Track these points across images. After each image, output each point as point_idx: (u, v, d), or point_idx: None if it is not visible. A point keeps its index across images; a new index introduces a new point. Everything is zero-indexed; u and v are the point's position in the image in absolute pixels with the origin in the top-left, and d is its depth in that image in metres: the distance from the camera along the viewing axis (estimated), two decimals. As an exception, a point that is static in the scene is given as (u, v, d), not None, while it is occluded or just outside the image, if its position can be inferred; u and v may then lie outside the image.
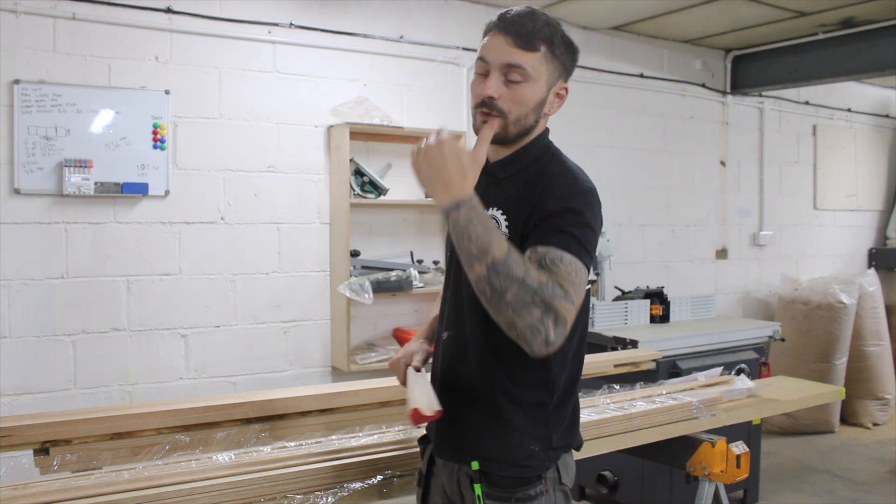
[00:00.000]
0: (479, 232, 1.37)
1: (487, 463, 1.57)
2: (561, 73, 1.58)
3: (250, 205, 3.70)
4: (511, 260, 1.36)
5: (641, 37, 5.09)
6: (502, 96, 1.53)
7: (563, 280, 1.39)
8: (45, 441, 1.97)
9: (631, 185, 5.08)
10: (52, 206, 3.25)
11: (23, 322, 3.22)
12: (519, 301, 1.35)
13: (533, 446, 1.58)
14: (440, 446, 1.67)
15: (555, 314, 1.36)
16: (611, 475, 3.84)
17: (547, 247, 1.42)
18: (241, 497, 1.69)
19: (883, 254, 6.64)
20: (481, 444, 1.59)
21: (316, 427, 2.21)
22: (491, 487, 1.57)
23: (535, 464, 1.58)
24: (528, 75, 1.52)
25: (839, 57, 4.98)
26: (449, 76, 4.23)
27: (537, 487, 1.57)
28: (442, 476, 1.69)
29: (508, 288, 1.35)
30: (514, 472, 1.57)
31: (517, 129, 1.57)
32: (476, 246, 1.37)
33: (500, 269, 1.35)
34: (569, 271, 1.41)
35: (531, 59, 1.52)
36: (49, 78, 3.22)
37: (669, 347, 3.90)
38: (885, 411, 5.70)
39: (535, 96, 1.55)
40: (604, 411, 2.35)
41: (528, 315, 1.35)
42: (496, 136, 1.56)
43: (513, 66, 1.52)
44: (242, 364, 3.69)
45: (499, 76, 1.53)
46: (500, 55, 1.52)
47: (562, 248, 1.42)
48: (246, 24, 3.66)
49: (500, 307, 1.37)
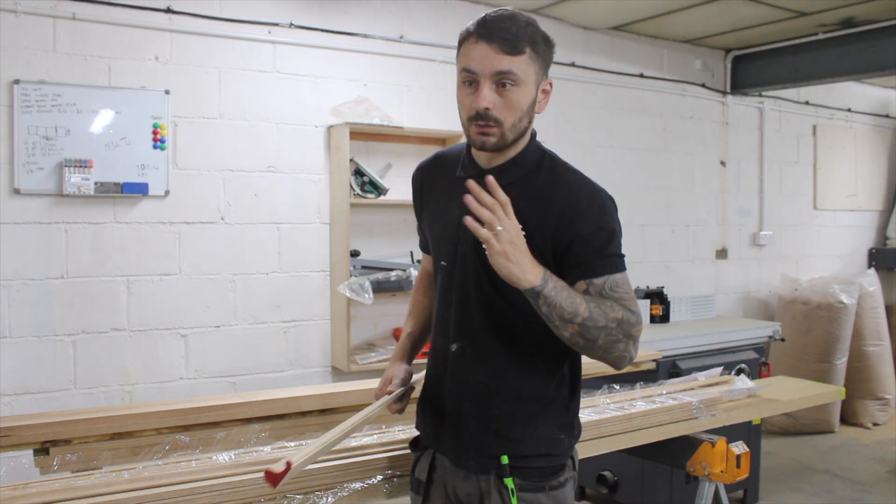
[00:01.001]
0: (564, 297, 1.47)
1: (517, 457, 1.61)
2: (544, 69, 1.58)
3: (250, 205, 3.70)
4: (594, 313, 1.49)
5: (641, 37, 5.09)
6: (496, 106, 1.52)
7: (627, 302, 1.54)
8: (45, 441, 1.97)
9: (631, 185, 5.08)
10: (52, 206, 3.25)
11: (23, 322, 3.22)
12: (608, 343, 1.51)
13: (559, 434, 1.64)
14: (461, 458, 1.66)
15: (634, 339, 1.55)
16: (611, 475, 3.84)
17: (602, 277, 1.53)
18: (241, 497, 1.69)
19: (883, 254, 6.64)
20: (510, 440, 1.62)
21: (316, 427, 2.21)
22: (524, 479, 1.61)
23: (562, 451, 1.65)
24: (519, 79, 1.51)
25: (839, 57, 4.98)
26: (449, 76, 4.23)
27: (564, 475, 1.65)
28: (452, 481, 1.68)
29: (598, 336, 1.49)
30: (544, 462, 1.63)
31: (514, 134, 1.56)
32: (567, 311, 1.47)
33: (589, 324, 1.48)
34: (626, 290, 1.55)
35: (519, 63, 1.51)
36: (49, 78, 3.22)
37: (669, 347, 3.90)
38: (885, 411, 5.70)
39: (526, 99, 1.54)
40: (604, 411, 2.35)
41: (616, 349, 1.52)
42: (498, 145, 1.56)
43: (503, 73, 1.50)
44: (242, 364, 3.69)
45: (490, 85, 1.51)
46: (489, 64, 1.50)
47: (611, 271, 1.54)
48: (246, 24, 3.66)
49: (593, 350, 1.52)
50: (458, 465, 1.67)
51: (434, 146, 4.19)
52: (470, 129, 1.56)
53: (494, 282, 1.56)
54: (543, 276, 1.46)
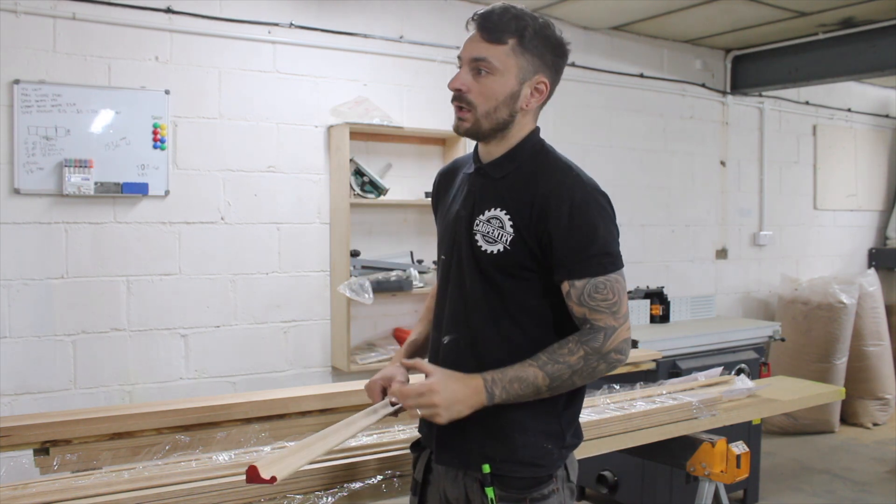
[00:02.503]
0: (517, 387, 1.50)
1: (499, 465, 1.56)
2: (538, 67, 1.58)
3: (250, 205, 3.70)
4: (554, 372, 1.50)
5: (641, 37, 5.09)
6: (471, 89, 1.58)
7: (600, 315, 1.51)
8: (45, 441, 1.97)
9: (631, 185, 5.08)
10: (52, 206, 3.25)
11: (23, 322, 3.22)
12: (588, 375, 1.53)
13: (546, 444, 1.58)
14: (444, 453, 1.64)
15: (613, 349, 1.53)
16: (611, 475, 3.84)
17: (582, 280, 1.51)
18: (241, 497, 1.68)
19: (883, 254, 6.64)
20: (492, 447, 1.58)
21: (316, 427, 2.20)
22: (505, 490, 1.56)
23: (549, 463, 1.59)
24: (495, 68, 1.55)
25: (839, 57, 4.98)
26: (449, 76, 4.16)
27: (550, 486, 1.58)
28: (443, 484, 1.67)
29: (574, 381, 1.52)
30: (527, 472, 1.57)
31: (489, 122, 1.59)
32: (529, 393, 1.51)
33: (557, 384, 1.51)
34: (606, 296, 1.51)
35: (497, 52, 1.54)
36: (49, 78, 3.22)
37: (669, 347, 3.90)
38: (885, 411, 5.70)
39: (502, 89, 1.56)
40: (604, 411, 2.35)
41: (597, 372, 1.53)
42: (471, 131, 1.61)
43: (478, 59, 1.56)
44: (242, 364, 3.69)
45: (467, 70, 1.58)
46: (469, 49, 1.58)
47: (593, 274, 1.51)
48: (246, 24, 3.66)
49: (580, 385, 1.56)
50: (439, 461, 1.66)
51: (434, 146, 4.19)
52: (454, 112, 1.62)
53: (485, 277, 1.57)
54: (485, 388, 1.49)
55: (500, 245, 1.56)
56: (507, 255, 1.55)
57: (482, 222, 1.59)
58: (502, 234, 1.56)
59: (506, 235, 1.55)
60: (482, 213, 1.60)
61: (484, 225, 1.58)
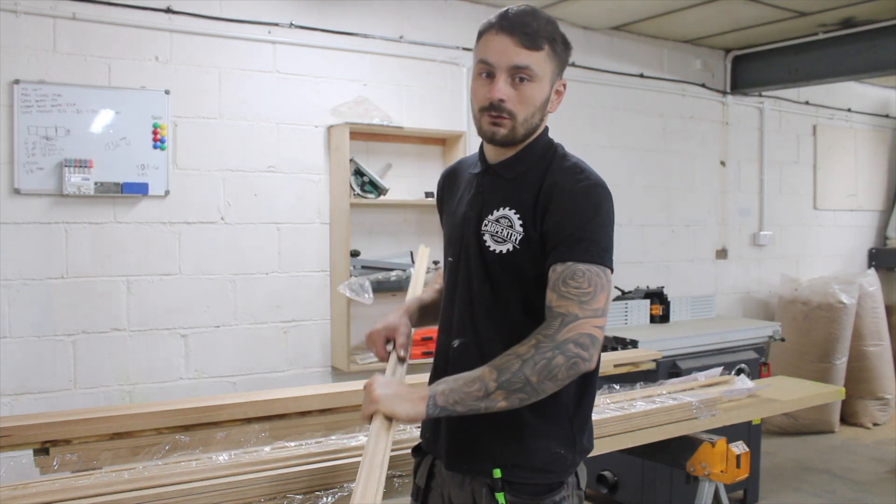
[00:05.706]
0: (461, 383, 1.41)
1: (511, 470, 1.54)
2: (560, 69, 1.58)
3: (250, 205, 3.70)
4: (502, 363, 1.40)
5: (641, 37, 5.09)
6: (510, 98, 1.51)
7: (567, 303, 1.42)
8: (45, 441, 1.97)
9: (631, 185, 5.08)
10: (52, 206, 3.25)
11: (23, 322, 3.22)
12: (541, 370, 1.39)
13: (559, 450, 1.55)
14: (454, 459, 1.61)
15: (571, 340, 1.40)
16: (611, 475, 3.84)
17: (564, 264, 1.44)
18: (241, 497, 1.68)
19: (883, 254, 6.65)
20: (503, 452, 1.55)
21: (316, 427, 2.21)
22: (515, 495, 1.53)
23: (561, 469, 1.56)
24: (535, 75, 1.51)
25: (839, 57, 4.98)
26: (449, 76, 4.23)
27: (561, 493, 1.55)
28: (448, 489, 1.64)
29: (524, 374, 1.38)
30: (539, 478, 1.54)
31: (525, 129, 1.56)
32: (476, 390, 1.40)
33: (504, 376, 1.39)
34: (580, 284, 1.43)
35: (537, 59, 1.51)
36: (49, 78, 3.22)
37: (669, 347, 3.90)
38: (885, 411, 5.70)
39: (541, 95, 1.54)
40: (604, 411, 2.35)
41: (556, 367, 1.39)
42: (507, 138, 1.55)
43: (520, 68, 1.50)
44: (242, 364, 3.69)
45: (506, 78, 1.51)
46: (507, 57, 1.50)
47: (577, 259, 1.44)
48: (246, 24, 3.66)
49: (541, 393, 1.41)
50: (450, 468, 1.62)
51: (434, 146, 4.19)
52: (482, 119, 1.55)
53: (494, 278, 1.56)
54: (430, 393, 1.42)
55: (509, 245, 1.54)
56: (516, 254, 1.53)
57: (491, 222, 1.57)
58: (511, 233, 1.54)
59: (515, 235, 1.53)
60: (491, 212, 1.58)
61: (493, 225, 1.57)
